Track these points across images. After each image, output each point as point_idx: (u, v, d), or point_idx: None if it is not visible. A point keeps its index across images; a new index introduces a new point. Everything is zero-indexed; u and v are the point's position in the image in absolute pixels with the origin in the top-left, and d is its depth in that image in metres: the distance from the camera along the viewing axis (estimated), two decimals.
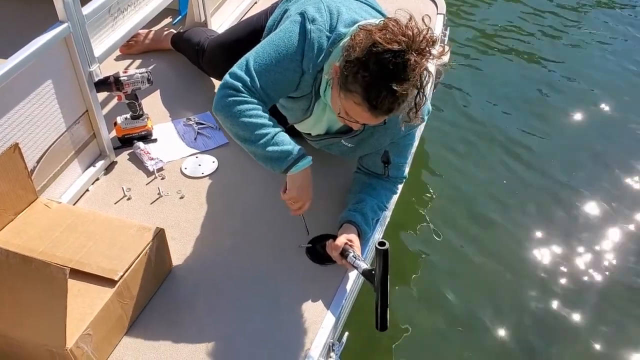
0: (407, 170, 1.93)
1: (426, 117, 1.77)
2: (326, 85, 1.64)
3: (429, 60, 1.45)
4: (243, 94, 1.62)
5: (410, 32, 1.42)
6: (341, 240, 1.70)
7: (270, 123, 1.63)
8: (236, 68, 1.66)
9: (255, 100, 1.63)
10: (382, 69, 1.42)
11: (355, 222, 1.78)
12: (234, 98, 1.62)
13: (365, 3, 1.76)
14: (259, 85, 1.64)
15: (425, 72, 1.44)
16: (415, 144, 2.00)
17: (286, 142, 1.62)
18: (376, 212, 1.85)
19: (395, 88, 1.41)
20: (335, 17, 1.63)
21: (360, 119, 1.56)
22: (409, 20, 1.47)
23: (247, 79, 1.63)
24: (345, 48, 1.51)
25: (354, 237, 1.73)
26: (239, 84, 1.63)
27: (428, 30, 1.45)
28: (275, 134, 1.62)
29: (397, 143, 1.80)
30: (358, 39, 1.46)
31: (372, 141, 1.79)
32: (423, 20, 1.49)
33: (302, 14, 1.64)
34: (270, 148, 1.61)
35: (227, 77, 1.65)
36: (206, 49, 2.36)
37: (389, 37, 1.41)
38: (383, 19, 1.54)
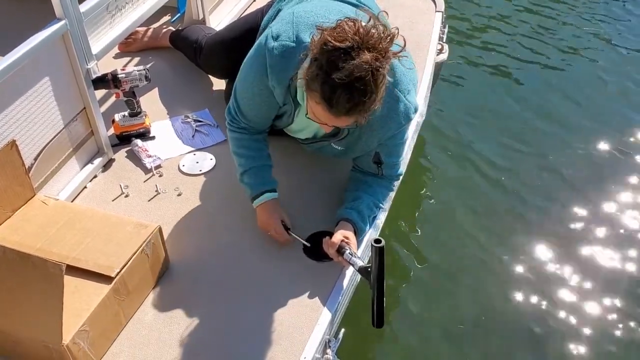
0: (402, 167, 1.92)
1: (412, 116, 1.74)
2: (302, 90, 1.64)
3: (384, 58, 1.42)
4: (232, 125, 1.86)
5: (362, 30, 1.40)
6: (337, 237, 1.71)
7: (250, 155, 1.84)
8: (231, 96, 1.84)
9: (243, 131, 1.84)
10: (332, 66, 1.40)
11: (352, 220, 1.78)
12: (228, 130, 1.88)
13: (348, 3, 1.76)
14: (242, 115, 1.82)
15: (378, 70, 1.41)
16: (411, 142, 1.98)
17: (252, 179, 1.84)
18: (372, 209, 1.85)
19: (346, 86, 1.39)
20: (299, 27, 1.63)
21: (323, 119, 1.54)
22: (369, 19, 1.45)
23: (234, 108, 1.83)
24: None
25: (350, 234, 1.74)
26: (228, 118, 1.86)
27: (385, 29, 1.43)
28: (248, 169, 1.84)
29: (386, 144, 1.78)
30: (314, 39, 1.47)
31: (361, 143, 1.79)
32: (377, 17, 1.46)
33: (267, 35, 1.67)
34: (244, 177, 1.85)
35: (226, 109, 1.87)
36: (204, 47, 2.36)
37: (340, 35, 1.40)
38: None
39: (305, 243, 1.81)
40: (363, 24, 1.43)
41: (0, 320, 1.45)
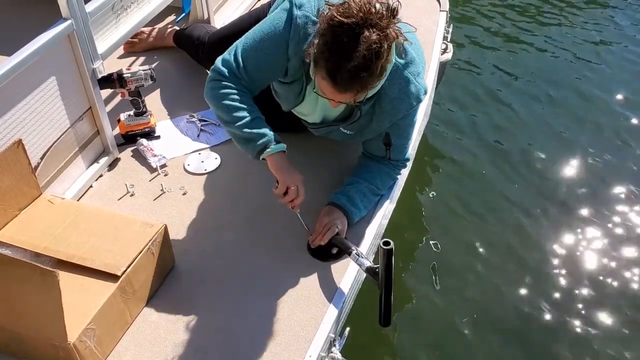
0: (410, 152, 1.93)
1: (423, 97, 1.76)
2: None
3: (385, 35, 1.45)
4: (228, 80, 1.71)
5: (366, 8, 1.43)
6: (317, 229, 1.78)
7: (249, 108, 1.70)
8: (226, 54, 1.73)
9: (239, 87, 1.71)
10: (336, 42, 1.45)
11: (339, 204, 1.82)
12: (219, 82, 1.71)
13: None
14: (245, 71, 1.71)
15: (377, 46, 1.44)
16: (418, 126, 2.00)
17: (262, 126, 1.70)
18: (366, 194, 1.87)
19: (349, 62, 1.44)
20: (322, 2, 1.64)
21: (330, 95, 1.57)
22: None
23: (234, 65, 1.70)
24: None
25: (335, 219, 1.78)
26: (226, 70, 1.71)
27: (388, 5, 1.46)
28: (252, 118, 1.69)
29: (397, 124, 1.80)
30: (322, 15, 1.50)
31: (372, 126, 1.80)
32: None
33: (291, 2, 1.67)
34: (246, 129, 1.68)
35: (217, 62, 1.73)
36: (206, 43, 2.37)
37: (346, 11, 1.44)
38: None
39: (305, 227, 1.81)
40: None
41: (5, 320, 1.45)
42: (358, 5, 1.44)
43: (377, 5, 1.46)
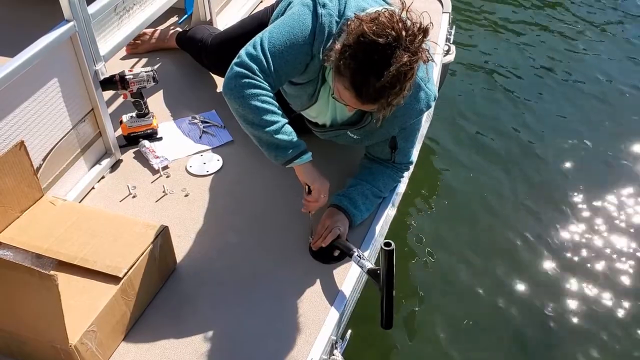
0: (414, 155, 1.94)
1: (432, 103, 1.78)
2: (329, 68, 1.65)
3: (417, 56, 1.46)
4: (258, 77, 1.60)
5: (398, 26, 1.43)
6: (319, 230, 1.77)
7: (279, 112, 1.62)
8: (251, 48, 1.63)
9: (267, 86, 1.61)
10: (367, 60, 1.44)
11: (341, 206, 1.82)
12: (248, 80, 1.59)
13: None
14: (272, 68, 1.61)
15: (407, 67, 1.44)
16: (423, 129, 2.01)
17: (293, 134, 1.64)
18: (368, 197, 1.87)
19: (378, 80, 1.44)
20: (343, 3, 1.64)
21: (350, 103, 1.58)
22: (402, 11, 1.48)
23: (263, 60, 1.60)
24: (346, 32, 1.53)
25: (337, 222, 1.77)
26: (255, 66, 1.60)
27: (420, 25, 1.46)
28: (284, 124, 1.62)
29: (405, 128, 1.81)
30: (352, 27, 1.49)
31: (381, 131, 1.80)
32: (410, 13, 1.48)
33: (315, 0, 1.65)
34: (278, 136, 1.60)
35: (243, 56, 1.61)
36: (210, 44, 2.37)
37: (377, 29, 1.43)
38: (379, 8, 1.55)
39: (311, 232, 1.82)
40: (400, 16, 1.45)
41: (7, 322, 1.45)
42: (390, 24, 1.43)
43: (408, 23, 1.45)
